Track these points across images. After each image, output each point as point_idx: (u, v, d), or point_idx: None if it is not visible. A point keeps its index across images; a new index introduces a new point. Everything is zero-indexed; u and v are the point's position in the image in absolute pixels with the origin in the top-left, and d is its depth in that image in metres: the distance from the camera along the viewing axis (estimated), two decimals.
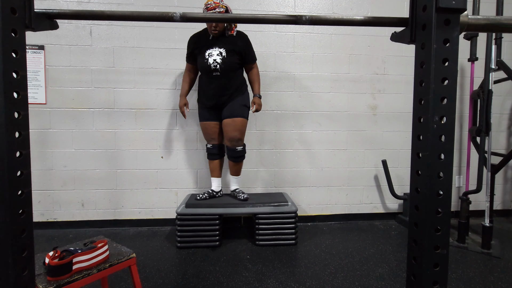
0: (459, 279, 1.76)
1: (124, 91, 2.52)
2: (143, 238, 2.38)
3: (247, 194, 2.34)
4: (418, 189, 0.70)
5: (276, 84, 2.64)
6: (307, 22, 0.75)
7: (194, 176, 2.63)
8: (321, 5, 2.64)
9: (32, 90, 2.44)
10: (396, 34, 0.80)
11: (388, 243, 2.28)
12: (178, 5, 2.52)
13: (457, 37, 0.65)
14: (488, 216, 2.12)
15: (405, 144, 2.80)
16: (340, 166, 2.75)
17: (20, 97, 0.66)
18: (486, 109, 2.14)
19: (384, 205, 2.83)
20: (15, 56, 0.65)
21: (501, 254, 2.07)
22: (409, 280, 0.72)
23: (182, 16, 0.74)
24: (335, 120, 2.71)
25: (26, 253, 0.68)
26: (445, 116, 0.66)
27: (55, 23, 0.76)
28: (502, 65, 2.11)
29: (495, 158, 2.75)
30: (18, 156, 0.66)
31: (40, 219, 2.53)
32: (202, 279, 1.75)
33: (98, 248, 1.15)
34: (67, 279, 1.03)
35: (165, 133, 2.58)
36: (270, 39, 2.61)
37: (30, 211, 0.68)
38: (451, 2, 0.63)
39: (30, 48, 2.42)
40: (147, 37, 2.51)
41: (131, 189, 2.58)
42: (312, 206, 2.75)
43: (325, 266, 1.92)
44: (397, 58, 2.74)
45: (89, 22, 2.46)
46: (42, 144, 2.48)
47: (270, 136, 2.67)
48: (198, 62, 2.20)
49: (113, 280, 1.72)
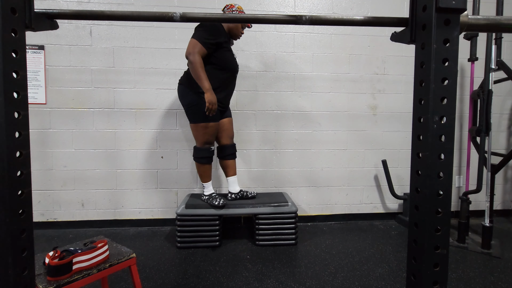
0: (459, 279, 1.76)
1: (124, 91, 2.52)
2: (143, 238, 2.38)
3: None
4: (418, 189, 0.70)
5: (276, 84, 2.64)
6: (307, 22, 0.75)
7: (194, 176, 2.63)
8: (321, 5, 2.64)
9: (32, 90, 2.44)
10: (396, 34, 0.80)
11: (388, 243, 2.28)
12: (178, 5, 2.52)
13: (457, 37, 0.65)
14: (488, 216, 2.12)
15: (405, 144, 2.80)
16: (340, 166, 2.75)
17: (20, 97, 0.66)
18: (486, 109, 2.14)
19: (384, 205, 2.83)
20: (15, 56, 0.65)
21: (501, 254, 2.07)
22: (409, 280, 0.72)
23: (182, 16, 0.74)
24: (335, 120, 2.71)
25: (26, 253, 0.68)
26: (445, 116, 0.66)
27: (55, 23, 0.76)
28: (502, 65, 2.11)
29: (495, 158, 2.75)
30: (18, 156, 0.66)
31: (40, 219, 2.53)
32: (202, 279, 1.75)
33: (98, 248, 1.15)
34: (67, 279, 1.03)
35: (165, 133, 2.58)
36: (270, 39, 2.61)
37: (30, 211, 0.68)
38: (451, 2, 0.63)
39: (30, 48, 2.42)
40: (147, 37, 2.51)
41: (131, 189, 2.58)
42: (312, 206, 2.75)
43: (325, 266, 1.92)
44: (397, 58, 2.74)
45: (89, 22, 2.46)
46: (42, 144, 2.48)
47: (270, 136, 2.67)
48: (224, 57, 2.06)
49: (113, 280, 1.72)
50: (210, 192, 2.24)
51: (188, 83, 2.06)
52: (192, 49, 1.92)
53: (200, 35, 1.94)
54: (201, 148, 2.13)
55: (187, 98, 2.06)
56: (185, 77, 2.10)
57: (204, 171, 2.19)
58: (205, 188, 2.24)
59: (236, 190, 2.30)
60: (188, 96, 2.05)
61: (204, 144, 2.13)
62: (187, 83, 2.06)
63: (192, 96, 2.04)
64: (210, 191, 2.24)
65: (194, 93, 2.04)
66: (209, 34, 1.96)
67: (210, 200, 2.18)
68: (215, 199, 2.17)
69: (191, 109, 2.07)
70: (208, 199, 2.20)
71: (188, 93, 2.05)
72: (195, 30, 2.00)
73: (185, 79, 2.09)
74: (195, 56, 1.90)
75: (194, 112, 2.06)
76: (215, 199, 2.17)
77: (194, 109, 2.06)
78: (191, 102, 2.05)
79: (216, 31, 1.99)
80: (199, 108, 2.04)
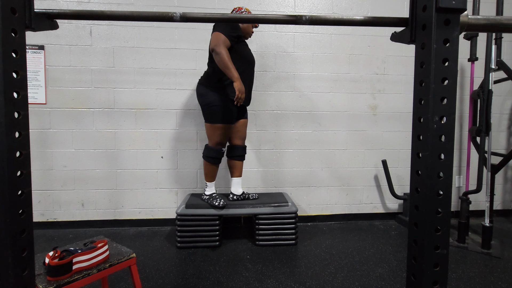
0: (459, 279, 1.76)
1: (124, 91, 2.52)
2: (143, 238, 2.38)
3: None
4: (418, 189, 0.70)
5: (276, 84, 2.64)
6: (307, 22, 0.75)
7: (194, 176, 2.63)
8: (321, 5, 2.64)
9: (32, 90, 2.44)
10: (396, 34, 0.80)
11: (388, 243, 2.28)
12: (178, 5, 2.52)
13: (457, 37, 0.65)
14: (488, 216, 2.12)
15: (405, 144, 2.80)
16: (340, 166, 2.75)
17: (20, 97, 0.66)
18: (486, 109, 2.14)
19: (384, 205, 2.83)
20: (15, 56, 0.65)
21: (501, 254, 2.07)
22: (409, 280, 0.72)
23: (182, 16, 0.74)
24: (335, 120, 2.71)
25: (26, 253, 0.68)
26: (445, 116, 0.66)
27: (55, 23, 0.76)
28: (502, 65, 2.11)
29: (495, 158, 2.75)
30: (18, 156, 0.66)
31: (40, 219, 2.53)
32: (202, 279, 1.75)
33: (98, 248, 1.15)
34: (67, 279, 1.03)
35: (165, 133, 2.58)
36: (270, 39, 2.61)
37: (30, 211, 0.68)
38: (451, 2, 0.63)
39: (30, 48, 2.42)
40: (147, 37, 2.51)
41: (131, 189, 2.58)
42: (312, 206, 2.75)
43: (325, 266, 1.92)
44: (397, 58, 2.74)
45: (89, 22, 2.46)
46: (42, 144, 2.48)
47: (270, 136, 2.67)
48: (243, 50, 2.10)
49: (113, 280, 1.72)
50: (211, 192, 2.24)
51: (209, 83, 2.07)
52: (217, 41, 1.93)
53: (224, 28, 1.97)
54: (213, 148, 2.14)
55: (208, 98, 2.06)
56: (205, 77, 2.12)
57: (210, 171, 2.20)
58: (207, 187, 2.25)
59: (239, 192, 2.31)
60: (209, 96, 2.06)
61: (216, 145, 2.14)
62: (207, 83, 2.08)
63: (213, 97, 2.05)
64: (211, 191, 2.25)
65: (215, 93, 2.05)
66: (231, 27, 1.99)
67: (211, 200, 2.18)
68: (216, 199, 2.17)
69: (209, 109, 2.07)
70: (209, 199, 2.20)
71: (208, 93, 2.07)
72: (216, 25, 2.02)
73: (206, 79, 2.10)
74: (221, 47, 1.91)
75: (212, 112, 2.07)
76: (215, 199, 2.17)
77: (212, 109, 2.06)
78: (212, 102, 2.05)
79: (236, 25, 2.04)
80: (218, 109, 2.05)
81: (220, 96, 2.05)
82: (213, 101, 2.05)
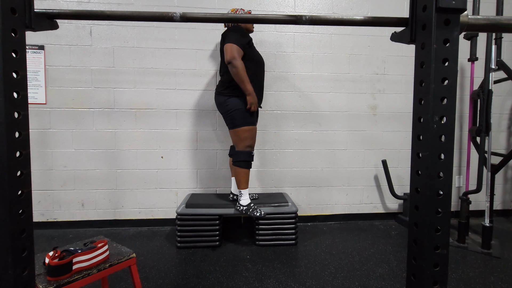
0: (459, 279, 1.76)
1: (124, 91, 2.52)
2: (143, 238, 2.38)
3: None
4: (418, 189, 0.70)
5: (276, 84, 2.64)
6: (307, 22, 0.75)
7: (194, 176, 2.63)
8: (321, 5, 2.64)
9: (32, 90, 2.44)
10: (396, 34, 0.80)
11: (388, 243, 2.28)
12: (178, 5, 2.52)
13: (457, 37, 0.65)
14: (488, 216, 2.12)
15: (405, 144, 2.80)
16: (340, 166, 2.75)
17: (20, 97, 0.66)
18: (486, 109, 2.14)
19: (384, 205, 2.83)
20: (15, 56, 0.65)
21: (501, 254, 2.07)
22: (409, 280, 0.72)
23: (182, 16, 0.74)
24: (335, 120, 2.71)
25: (26, 253, 0.68)
26: (445, 116, 0.66)
27: (55, 23, 0.76)
28: (502, 65, 2.11)
29: (495, 158, 2.75)
30: (18, 156, 0.66)
31: (40, 219, 2.53)
32: (202, 279, 1.75)
33: (98, 248, 1.15)
34: (67, 279, 1.03)
35: (165, 133, 2.58)
36: (270, 39, 2.61)
37: (30, 211, 0.68)
38: (451, 2, 0.63)
39: (30, 48, 2.42)
40: (147, 37, 2.51)
41: (131, 189, 2.58)
42: (312, 206, 2.75)
43: (325, 266, 1.92)
44: (397, 58, 2.74)
45: (89, 22, 2.46)
46: (42, 144, 2.48)
47: (270, 136, 2.67)
48: (255, 54, 2.13)
49: (113, 280, 1.72)
50: (247, 203, 2.14)
51: (226, 91, 2.09)
52: (234, 53, 1.95)
53: (236, 39, 1.98)
54: (243, 151, 2.10)
55: (228, 104, 2.07)
56: (221, 86, 2.13)
57: (245, 176, 2.12)
58: (242, 195, 2.14)
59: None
60: (229, 102, 2.07)
61: (246, 148, 2.11)
62: (225, 92, 2.09)
63: (233, 102, 2.06)
64: (247, 200, 2.15)
65: (235, 98, 2.06)
66: (242, 35, 2.02)
67: (251, 211, 2.10)
68: (256, 210, 2.10)
69: (232, 115, 2.07)
70: (248, 210, 2.11)
71: (228, 100, 2.08)
72: (227, 35, 2.01)
73: (222, 87, 2.12)
74: (237, 61, 1.96)
75: (235, 117, 2.07)
76: (255, 210, 2.10)
77: (235, 114, 2.07)
78: (233, 107, 2.06)
79: (244, 31, 2.07)
80: (240, 112, 2.06)
81: (240, 100, 2.06)
82: (234, 105, 2.06)
